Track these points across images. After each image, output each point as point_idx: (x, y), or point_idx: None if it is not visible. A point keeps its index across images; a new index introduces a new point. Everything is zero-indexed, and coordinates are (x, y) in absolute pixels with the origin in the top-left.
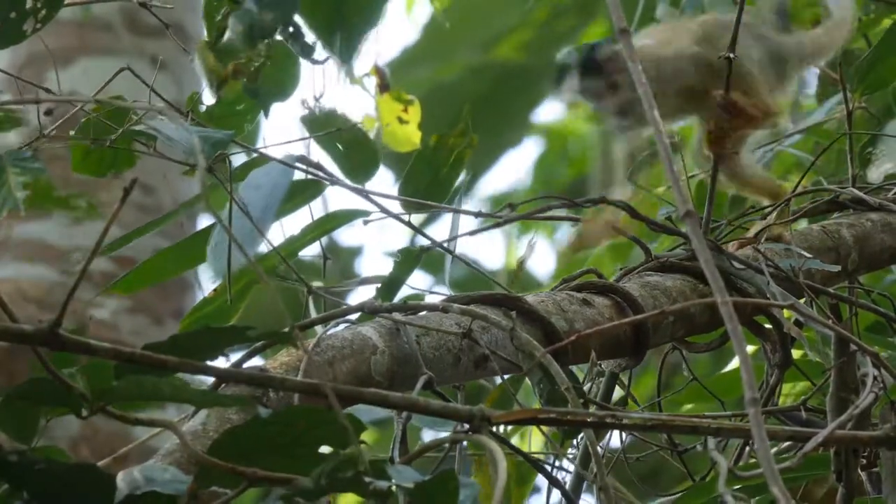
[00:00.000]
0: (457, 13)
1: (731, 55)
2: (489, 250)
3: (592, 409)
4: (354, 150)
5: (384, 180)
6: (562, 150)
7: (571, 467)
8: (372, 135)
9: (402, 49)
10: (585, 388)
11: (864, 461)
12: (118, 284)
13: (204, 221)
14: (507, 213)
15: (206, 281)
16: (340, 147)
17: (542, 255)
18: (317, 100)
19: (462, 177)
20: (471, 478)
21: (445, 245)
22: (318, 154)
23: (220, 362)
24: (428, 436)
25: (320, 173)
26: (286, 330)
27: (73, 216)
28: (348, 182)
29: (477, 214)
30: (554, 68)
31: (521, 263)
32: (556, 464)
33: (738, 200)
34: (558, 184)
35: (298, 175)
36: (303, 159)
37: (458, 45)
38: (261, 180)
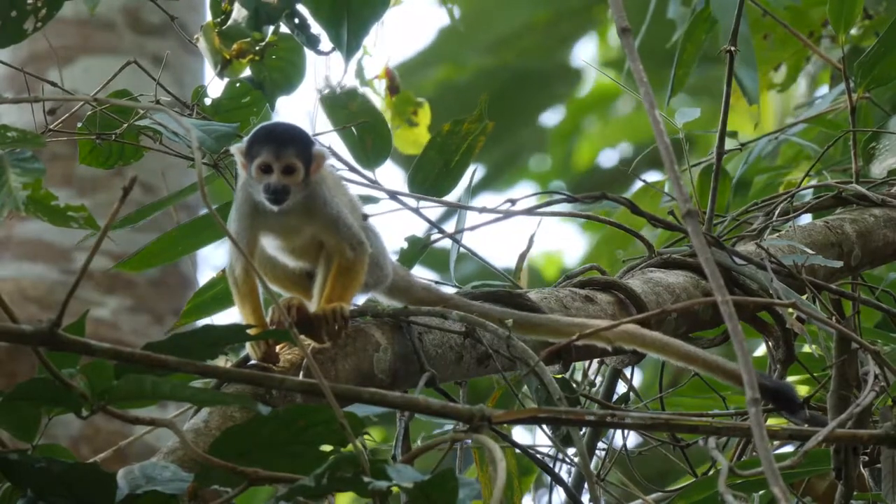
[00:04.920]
0: (465, 16)
1: (733, 48)
2: (505, 244)
3: (595, 407)
4: (368, 133)
5: (387, 172)
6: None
7: (577, 462)
8: None
9: (414, 52)
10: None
11: (867, 458)
12: (125, 263)
13: None
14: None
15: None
16: (354, 131)
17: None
18: (331, 83)
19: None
20: (472, 468)
21: (451, 237)
22: (328, 139)
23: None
24: (437, 431)
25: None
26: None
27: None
28: (358, 168)
29: (481, 210)
30: None
31: (522, 257)
32: (559, 459)
33: (742, 194)
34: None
35: None
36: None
37: (468, 46)
38: None
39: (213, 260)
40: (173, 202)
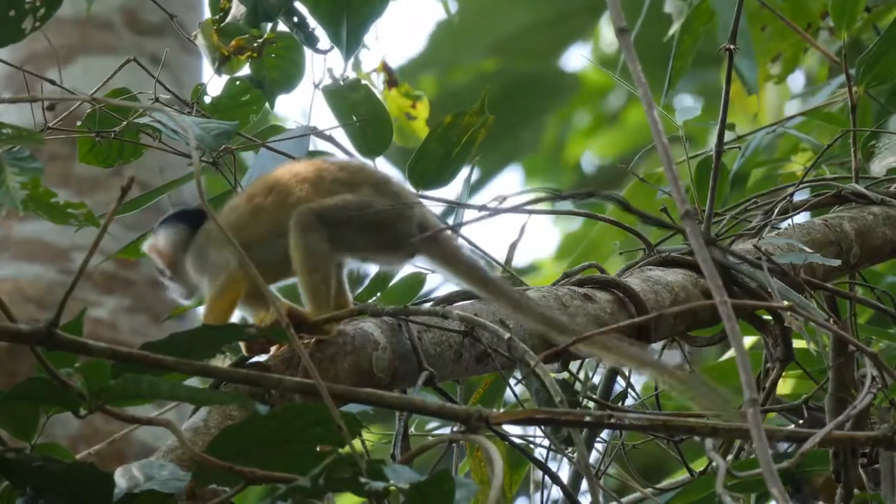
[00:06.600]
0: (465, 15)
1: (732, 46)
2: (505, 242)
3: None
4: (369, 122)
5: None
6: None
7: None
8: None
9: (412, 54)
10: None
11: (865, 459)
12: (126, 250)
13: None
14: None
15: None
16: (355, 119)
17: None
18: (334, 74)
19: (472, 164)
20: (464, 460)
21: (452, 229)
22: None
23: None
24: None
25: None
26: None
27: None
28: (359, 157)
29: (480, 208)
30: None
31: (513, 247)
32: (554, 450)
33: (739, 187)
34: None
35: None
36: (315, 131)
37: (467, 47)
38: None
39: None
40: (170, 189)
